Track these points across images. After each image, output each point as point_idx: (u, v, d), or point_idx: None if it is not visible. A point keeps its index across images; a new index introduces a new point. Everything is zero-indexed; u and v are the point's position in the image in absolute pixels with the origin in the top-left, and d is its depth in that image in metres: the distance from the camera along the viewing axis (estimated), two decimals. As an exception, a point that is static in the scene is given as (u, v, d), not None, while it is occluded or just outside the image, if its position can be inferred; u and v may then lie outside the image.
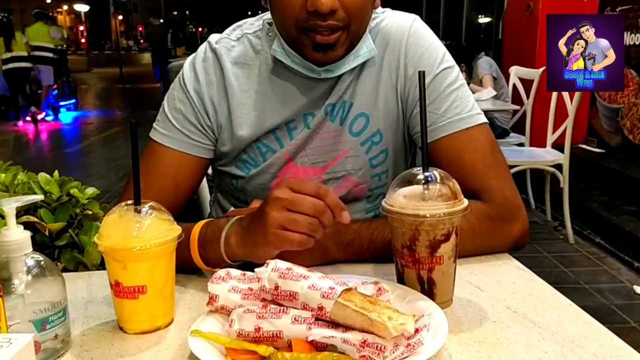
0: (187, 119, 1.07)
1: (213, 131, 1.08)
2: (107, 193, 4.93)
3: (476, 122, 1.03)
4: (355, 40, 1.01)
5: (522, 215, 0.99)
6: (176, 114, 1.07)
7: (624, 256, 3.32)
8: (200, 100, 1.07)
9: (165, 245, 0.75)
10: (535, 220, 3.99)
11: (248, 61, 1.08)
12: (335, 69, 1.03)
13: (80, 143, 8.19)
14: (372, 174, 1.11)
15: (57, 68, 9.52)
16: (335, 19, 0.94)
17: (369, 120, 1.08)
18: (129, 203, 0.77)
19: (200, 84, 1.07)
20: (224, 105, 1.07)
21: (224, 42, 1.10)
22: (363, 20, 0.99)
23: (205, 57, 1.09)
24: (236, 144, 1.08)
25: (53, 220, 1.01)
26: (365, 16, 1.00)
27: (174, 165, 1.06)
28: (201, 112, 1.07)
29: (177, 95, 1.09)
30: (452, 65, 1.07)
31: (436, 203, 0.77)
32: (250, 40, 1.10)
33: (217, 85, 1.07)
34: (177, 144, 1.06)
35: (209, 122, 1.07)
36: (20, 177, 1.04)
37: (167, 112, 1.08)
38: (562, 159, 3.54)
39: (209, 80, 1.08)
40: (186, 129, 1.06)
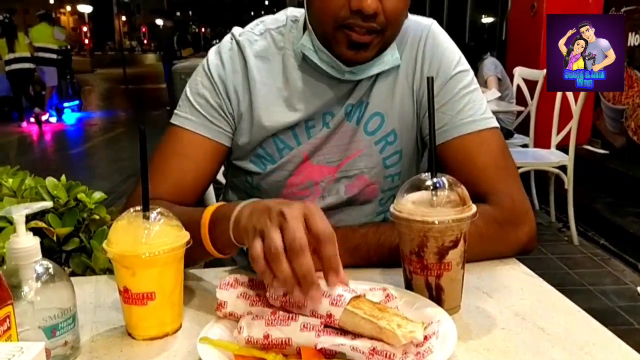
0: (210, 104, 1.07)
1: (234, 118, 1.09)
2: (112, 194, 4.95)
3: (488, 125, 1.04)
4: (386, 45, 1.02)
5: (530, 219, 0.99)
6: (199, 98, 1.08)
7: (628, 258, 3.32)
8: (225, 86, 1.08)
9: (174, 251, 0.75)
10: (540, 222, 3.98)
11: (270, 56, 1.09)
12: (359, 72, 1.04)
13: (84, 144, 8.21)
14: (386, 175, 1.12)
15: (60, 69, 9.55)
16: (376, 22, 0.96)
17: (384, 119, 1.09)
18: (137, 209, 0.77)
19: (225, 71, 1.08)
20: (246, 95, 1.08)
21: (247, 35, 1.11)
22: (397, 28, 1.02)
23: (231, 47, 1.10)
24: (254, 136, 1.08)
25: (61, 225, 1.01)
26: (400, 24, 1.02)
27: (195, 148, 1.06)
28: (224, 98, 1.08)
29: (201, 80, 1.09)
30: (467, 69, 1.09)
31: (444, 209, 0.77)
32: (273, 35, 1.11)
33: (242, 75, 1.08)
34: (199, 127, 1.06)
35: (230, 109, 1.08)
36: (27, 182, 1.05)
37: (189, 96, 1.09)
38: (567, 160, 3.53)
39: (234, 68, 1.09)
40: (208, 114, 1.07)
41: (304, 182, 1.11)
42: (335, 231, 0.95)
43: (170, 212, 0.79)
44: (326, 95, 1.08)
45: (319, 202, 1.11)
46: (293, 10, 1.14)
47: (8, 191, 1.02)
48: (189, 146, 1.06)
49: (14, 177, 1.05)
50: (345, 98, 1.08)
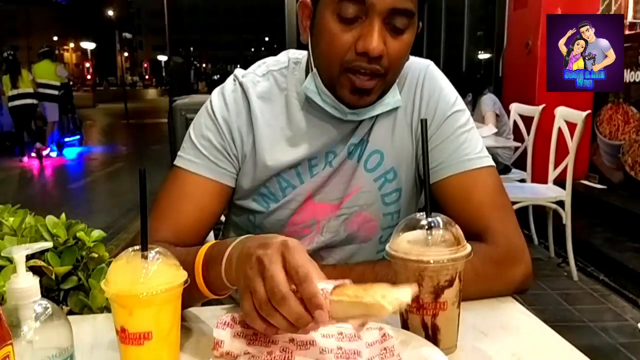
0: (214, 146, 1.08)
1: (238, 160, 1.10)
2: (111, 228, 4.94)
3: (484, 164, 1.06)
4: (387, 89, 1.05)
5: (526, 259, 1.00)
6: (203, 140, 1.09)
7: (628, 294, 3.30)
8: (229, 128, 1.09)
9: (171, 290, 0.75)
10: (539, 257, 3.97)
11: (272, 97, 1.11)
12: (361, 113, 1.06)
13: (85, 178, 8.23)
14: (385, 212, 1.13)
15: (62, 104, 9.68)
16: (380, 64, 0.97)
17: (383, 157, 1.11)
18: (136, 248, 0.78)
19: (229, 112, 1.10)
20: (250, 136, 1.09)
21: (249, 76, 1.13)
22: (399, 71, 1.04)
23: (234, 89, 1.12)
24: (258, 176, 1.10)
25: (59, 264, 1.02)
26: (402, 67, 1.05)
27: (199, 190, 1.07)
28: (228, 139, 1.09)
29: (205, 122, 1.11)
30: (463, 108, 1.11)
31: (439, 249, 0.78)
32: (275, 77, 1.13)
33: (245, 116, 1.10)
34: (202, 169, 1.07)
35: (234, 150, 1.09)
36: (28, 220, 1.06)
37: (193, 139, 1.10)
38: (564, 195, 3.55)
39: (238, 110, 1.10)
40: (213, 156, 1.08)
41: (306, 220, 1.12)
42: (332, 269, 0.97)
43: (168, 251, 0.80)
44: (329, 135, 1.09)
45: (318, 239, 1.12)
46: (294, 52, 1.17)
47: (9, 230, 1.03)
48: (193, 189, 1.06)
49: (15, 216, 1.06)
50: (347, 137, 1.10)
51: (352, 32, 0.96)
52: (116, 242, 4.56)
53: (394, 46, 0.97)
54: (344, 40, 0.97)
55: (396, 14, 0.95)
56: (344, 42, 0.97)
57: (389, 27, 0.96)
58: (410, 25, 0.98)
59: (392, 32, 0.97)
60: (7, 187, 7.57)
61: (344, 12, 0.95)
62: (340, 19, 0.96)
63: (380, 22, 0.94)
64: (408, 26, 0.98)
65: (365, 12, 0.95)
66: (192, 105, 4.58)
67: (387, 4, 0.93)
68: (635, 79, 4.39)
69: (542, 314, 3.15)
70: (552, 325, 0.89)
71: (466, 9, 8.90)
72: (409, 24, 0.98)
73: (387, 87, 1.04)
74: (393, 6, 0.94)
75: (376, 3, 0.93)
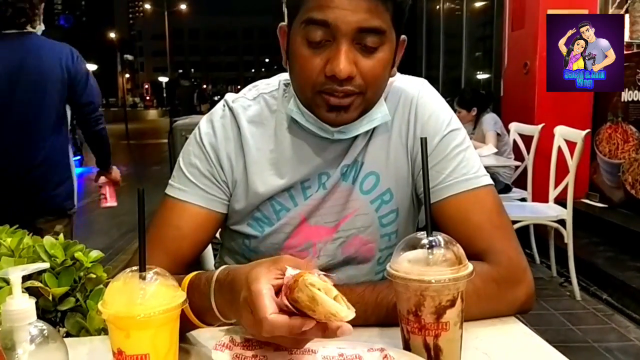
0: (203, 174, 1.08)
1: (228, 185, 1.09)
2: (110, 249, 4.92)
3: (482, 183, 1.05)
4: (369, 106, 1.03)
5: (528, 278, 0.99)
6: (192, 168, 1.09)
7: (632, 313, 3.27)
8: (216, 155, 1.09)
9: (169, 312, 0.74)
10: (541, 276, 3.95)
11: (264, 120, 1.11)
12: (347, 131, 1.05)
13: (84, 199, 8.21)
14: (382, 234, 1.12)
15: None
16: (352, 85, 0.96)
17: (379, 179, 1.10)
18: (134, 269, 0.77)
19: (217, 139, 1.09)
20: (240, 161, 1.09)
21: (240, 101, 1.13)
22: (379, 88, 1.02)
23: (223, 115, 1.12)
24: (251, 201, 1.09)
25: (57, 285, 1.01)
26: (382, 84, 1.02)
27: (190, 218, 1.06)
28: (217, 166, 1.09)
29: (193, 150, 1.11)
30: (459, 127, 1.10)
31: (441, 268, 0.77)
32: (266, 100, 1.13)
33: (234, 142, 1.10)
34: (192, 197, 1.07)
35: (223, 176, 1.09)
36: (25, 240, 1.05)
37: (182, 167, 1.10)
38: (565, 214, 3.54)
39: (226, 136, 1.10)
40: (201, 183, 1.08)
41: (302, 243, 1.11)
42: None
43: (166, 272, 0.79)
44: (320, 156, 1.09)
45: (315, 263, 1.11)
46: (286, 74, 1.17)
47: (6, 250, 1.03)
48: (183, 217, 1.06)
49: (13, 236, 1.05)
50: (340, 158, 1.09)
51: (321, 55, 0.95)
52: (115, 263, 4.53)
53: (367, 65, 0.96)
54: (314, 64, 0.96)
55: (364, 33, 0.94)
56: (314, 66, 0.96)
57: (359, 47, 0.95)
58: (385, 43, 0.97)
59: (363, 51, 0.95)
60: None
61: (311, 37, 0.95)
62: (309, 44, 0.96)
63: (348, 43, 0.93)
64: (381, 44, 0.96)
65: (332, 35, 0.93)
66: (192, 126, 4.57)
67: (352, 24, 0.92)
68: (633, 97, 4.41)
69: (545, 334, 3.10)
70: (556, 345, 0.88)
71: (464, 30, 8.99)
72: (381, 41, 0.96)
73: (369, 104, 1.03)
74: (359, 26, 0.93)
75: (340, 25, 0.92)
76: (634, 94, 4.41)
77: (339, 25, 0.92)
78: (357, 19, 0.92)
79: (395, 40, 1.00)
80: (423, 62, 10.88)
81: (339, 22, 0.92)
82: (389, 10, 0.95)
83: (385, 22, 0.95)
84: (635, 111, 4.42)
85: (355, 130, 1.06)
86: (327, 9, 0.92)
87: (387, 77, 1.03)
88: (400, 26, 1.00)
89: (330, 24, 0.92)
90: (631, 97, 4.44)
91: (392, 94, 1.11)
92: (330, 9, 0.92)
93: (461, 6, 9.22)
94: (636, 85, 4.35)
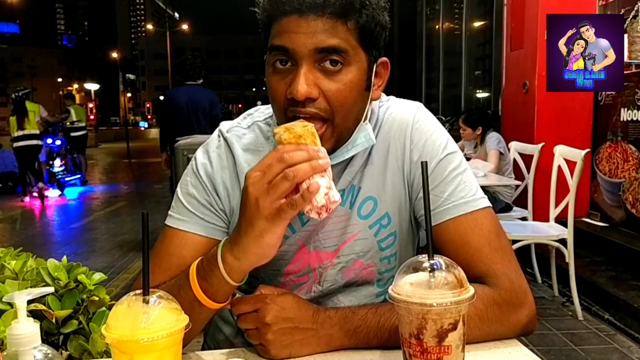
0: (200, 202, 1.09)
1: (226, 214, 1.10)
2: (112, 269, 4.91)
3: (481, 205, 1.05)
4: (345, 134, 1.01)
5: (529, 300, 0.99)
6: (190, 198, 1.10)
7: (634, 333, 3.25)
8: (212, 184, 1.10)
9: (172, 335, 0.75)
10: (543, 296, 3.93)
11: (259, 147, 1.12)
12: (333, 157, 1.04)
13: (85, 218, 8.21)
14: (381, 257, 1.12)
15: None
16: (316, 107, 0.95)
17: (376, 203, 1.10)
18: (137, 292, 0.78)
19: (213, 168, 1.11)
20: (237, 190, 1.10)
21: (234, 130, 1.14)
22: (348, 112, 0.98)
23: (219, 145, 1.13)
24: None
25: (60, 307, 1.01)
26: (351, 108, 0.98)
27: (190, 247, 1.07)
28: (214, 195, 1.09)
29: (190, 180, 1.12)
30: (455, 150, 1.10)
31: (443, 291, 0.77)
32: (260, 127, 1.14)
33: (230, 171, 1.11)
34: (191, 227, 1.08)
35: (221, 205, 1.10)
36: (29, 263, 1.05)
37: (181, 198, 1.11)
38: (566, 233, 3.53)
39: (222, 165, 1.11)
40: (200, 212, 1.08)
41: (302, 269, 1.11)
42: (334, 313, 0.96)
43: (169, 295, 0.79)
44: None
45: (316, 288, 1.12)
46: None
47: (10, 273, 1.03)
48: (183, 246, 1.07)
49: (17, 259, 1.06)
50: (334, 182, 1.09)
51: (285, 79, 0.96)
52: (117, 282, 4.52)
53: (331, 87, 0.95)
54: (279, 89, 0.96)
55: (324, 54, 0.93)
56: (280, 92, 0.97)
57: (321, 68, 0.94)
58: (350, 64, 0.95)
59: (326, 73, 0.95)
60: (10, 226, 7.57)
61: (276, 63, 0.96)
62: (274, 70, 0.97)
63: (308, 65, 0.93)
64: (344, 64, 0.95)
65: (293, 59, 0.94)
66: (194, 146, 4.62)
67: (308, 46, 0.92)
68: (632, 117, 4.44)
69: (548, 355, 3.10)
70: (559, 367, 0.87)
71: (464, 50, 9.07)
72: (344, 61, 0.95)
73: (342, 132, 1.00)
74: (315, 47, 0.92)
75: (297, 48, 0.93)
76: (633, 113, 4.43)
77: (296, 48, 0.93)
78: (313, 40, 0.92)
79: (366, 61, 0.98)
80: (423, 81, 10.96)
81: (296, 45, 0.93)
82: (351, 29, 0.94)
83: (347, 41, 0.94)
84: (634, 130, 4.44)
85: (341, 156, 1.05)
86: (284, 34, 0.94)
87: (357, 100, 0.99)
88: (372, 46, 0.98)
89: (288, 48, 0.93)
90: (630, 116, 4.47)
91: (387, 119, 1.11)
92: (287, 34, 0.93)
93: (460, 26, 9.31)
94: (635, 104, 4.38)
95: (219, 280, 0.91)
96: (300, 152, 0.85)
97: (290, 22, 0.93)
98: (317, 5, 0.92)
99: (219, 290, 0.92)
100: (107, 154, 20.64)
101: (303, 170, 0.83)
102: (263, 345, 0.94)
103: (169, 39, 54.62)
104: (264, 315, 0.94)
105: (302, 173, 0.83)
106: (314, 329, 0.95)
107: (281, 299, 0.96)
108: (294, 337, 0.94)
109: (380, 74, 1.04)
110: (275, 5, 0.95)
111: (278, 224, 0.85)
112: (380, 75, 1.05)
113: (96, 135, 27.54)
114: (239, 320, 0.98)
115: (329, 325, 0.95)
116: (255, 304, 0.96)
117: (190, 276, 0.93)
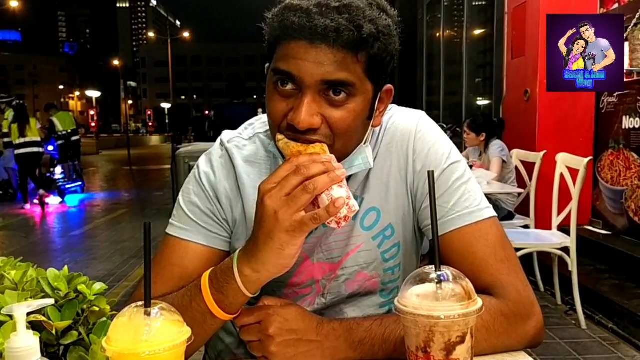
0: (203, 211, 1.08)
1: (228, 223, 1.09)
2: (112, 276, 4.89)
3: (486, 215, 1.03)
4: (342, 156, 0.98)
5: (537, 312, 0.97)
6: (192, 207, 1.08)
7: (637, 342, 3.23)
8: (215, 193, 1.08)
9: (175, 349, 0.73)
10: (546, 304, 3.91)
11: (259, 160, 1.10)
12: None
13: (86, 226, 8.20)
14: (385, 268, 1.10)
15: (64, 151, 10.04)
16: (317, 135, 0.92)
17: (380, 214, 1.08)
18: (139, 304, 0.76)
19: (216, 177, 1.09)
20: (238, 201, 1.08)
21: (235, 141, 1.13)
22: (349, 139, 0.96)
23: (222, 154, 1.12)
24: None
25: (60, 318, 0.99)
26: (352, 135, 0.96)
27: (192, 257, 1.05)
28: (216, 204, 1.08)
29: (193, 189, 1.10)
30: (459, 159, 1.08)
31: (450, 303, 0.76)
32: (261, 139, 1.13)
33: (232, 181, 1.09)
34: (193, 236, 1.06)
35: (223, 214, 1.08)
36: (30, 273, 1.04)
37: (182, 206, 1.09)
38: (569, 241, 3.52)
39: (225, 175, 1.10)
40: (202, 221, 1.07)
41: (305, 281, 1.10)
42: (339, 325, 0.95)
43: (172, 307, 0.78)
44: None
45: (320, 301, 1.10)
46: None
47: (10, 283, 1.01)
48: (185, 256, 1.05)
49: (17, 269, 1.04)
50: None
51: (287, 101, 0.92)
52: (118, 290, 4.51)
53: (335, 116, 0.92)
54: (280, 108, 0.93)
55: (331, 86, 0.90)
56: (280, 111, 0.93)
57: (326, 98, 0.91)
58: (355, 95, 0.92)
59: (330, 102, 0.91)
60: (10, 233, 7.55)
61: (279, 85, 0.93)
62: (276, 89, 0.94)
63: (312, 94, 0.90)
64: (350, 96, 0.92)
65: (298, 85, 0.91)
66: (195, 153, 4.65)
67: (315, 77, 0.89)
68: (634, 125, 4.43)
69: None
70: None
71: (465, 57, 9.07)
72: (350, 93, 0.91)
73: (341, 156, 0.96)
74: (323, 79, 0.89)
75: (304, 77, 0.89)
76: (635, 121, 4.43)
77: (302, 77, 0.89)
78: (321, 71, 0.89)
79: (372, 91, 0.95)
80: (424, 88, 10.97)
81: (302, 74, 0.89)
82: (360, 61, 0.91)
83: (355, 74, 0.91)
84: (636, 138, 4.43)
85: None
86: (291, 60, 0.90)
87: (359, 128, 0.97)
88: (379, 76, 0.96)
89: (295, 76, 0.90)
90: (632, 124, 4.46)
91: (389, 129, 1.10)
92: (294, 61, 0.90)
93: (461, 34, 9.33)
94: (637, 112, 4.37)
95: (235, 292, 0.89)
96: (316, 164, 0.84)
97: (299, 48, 0.89)
98: (330, 36, 0.88)
99: (234, 302, 0.91)
100: (108, 161, 20.65)
101: (322, 182, 0.83)
102: (266, 357, 0.92)
103: (170, 47, 54.80)
104: (267, 327, 0.92)
105: (322, 185, 0.82)
106: (318, 341, 0.93)
107: (285, 310, 0.95)
108: (298, 349, 0.92)
109: (383, 100, 1.02)
110: (285, 29, 0.91)
111: (299, 236, 0.84)
112: (383, 101, 1.02)
113: (97, 142, 27.59)
114: (241, 332, 0.96)
115: (334, 337, 0.94)
116: (259, 315, 0.94)
117: (203, 288, 0.91)
